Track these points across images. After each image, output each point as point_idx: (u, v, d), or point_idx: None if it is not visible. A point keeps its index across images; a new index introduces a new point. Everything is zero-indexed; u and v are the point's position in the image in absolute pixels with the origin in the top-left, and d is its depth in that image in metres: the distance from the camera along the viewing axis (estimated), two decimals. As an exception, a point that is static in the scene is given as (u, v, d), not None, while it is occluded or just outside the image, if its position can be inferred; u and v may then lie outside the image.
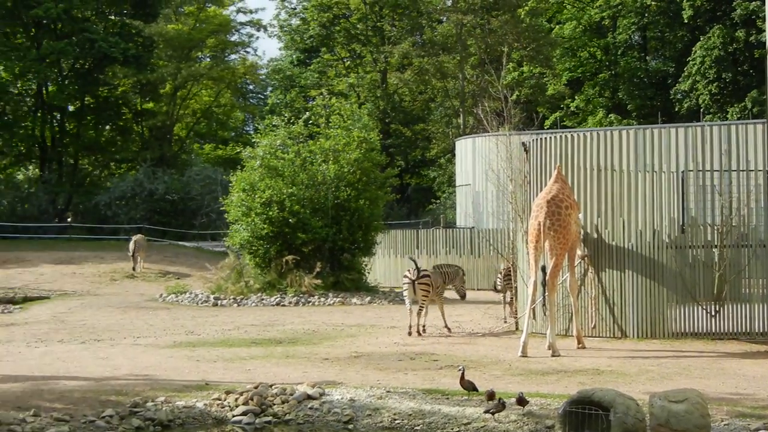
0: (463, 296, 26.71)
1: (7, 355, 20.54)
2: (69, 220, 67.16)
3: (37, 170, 73.07)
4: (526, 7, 74.38)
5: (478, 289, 38.18)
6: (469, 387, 14.77)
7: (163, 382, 16.46)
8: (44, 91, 69.19)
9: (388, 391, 15.06)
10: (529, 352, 19.60)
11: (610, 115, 75.09)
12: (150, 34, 72.26)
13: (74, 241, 58.29)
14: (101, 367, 18.44)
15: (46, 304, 35.08)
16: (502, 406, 13.28)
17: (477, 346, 21.63)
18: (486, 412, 13.34)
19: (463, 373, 14.91)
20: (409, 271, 24.27)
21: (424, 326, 24.16)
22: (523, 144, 24.42)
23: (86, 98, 70.75)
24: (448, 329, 24.59)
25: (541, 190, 21.89)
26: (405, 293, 24.58)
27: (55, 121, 70.62)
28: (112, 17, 72.56)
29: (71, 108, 71.90)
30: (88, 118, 72.90)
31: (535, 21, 76.59)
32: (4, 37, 67.19)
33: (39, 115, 70.22)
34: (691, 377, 16.61)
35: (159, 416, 13.78)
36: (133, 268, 46.11)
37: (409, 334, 23.68)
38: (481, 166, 48.14)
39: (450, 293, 27.74)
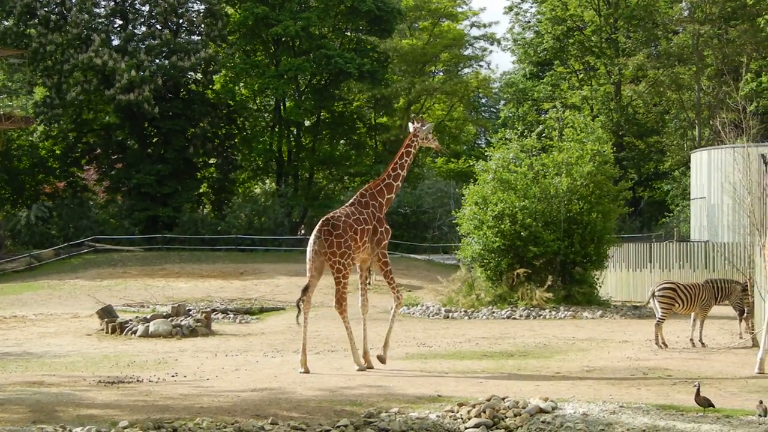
0: (741, 312, 25.28)
1: (245, 364, 21.18)
2: (302, 232, 68.51)
3: (273, 184, 75.13)
4: (767, 16, 72.16)
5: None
6: (705, 403, 14.54)
7: (396, 394, 16.68)
8: (282, 107, 71.32)
9: (621, 406, 14.92)
10: (766, 369, 19.11)
11: None
12: (385, 50, 73.47)
13: (309, 253, 59.43)
14: (336, 378, 18.83)
15: (282, 315, 35.79)
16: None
17: (712, 362, 21.21)
18: None
19: (698, 389, 14.67)
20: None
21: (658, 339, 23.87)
22: (762, 156, 23.74)
23: (322, 113, 72.54)
24: (693, 344, 24.22)
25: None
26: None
27: (291, 135, 72.57)
28: (348, 33, 74.25)
29: (307, 123, 73.78)
30: (324, 132, 74.67)
31: (775, 30, 74.29)
32: (244, 54, 69.56)
33: (276, 130, 72.33)
34: None
35: (393, 427, 13.93)
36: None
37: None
38: (717, 178, 47.00)
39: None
